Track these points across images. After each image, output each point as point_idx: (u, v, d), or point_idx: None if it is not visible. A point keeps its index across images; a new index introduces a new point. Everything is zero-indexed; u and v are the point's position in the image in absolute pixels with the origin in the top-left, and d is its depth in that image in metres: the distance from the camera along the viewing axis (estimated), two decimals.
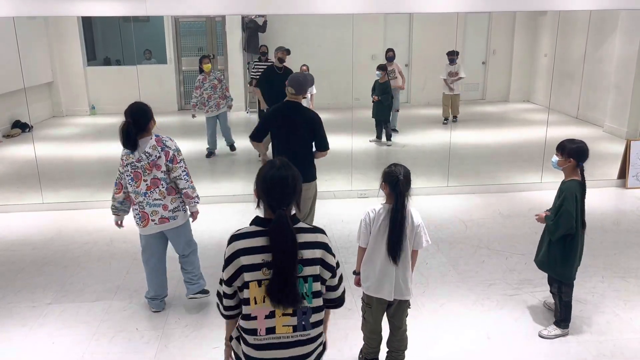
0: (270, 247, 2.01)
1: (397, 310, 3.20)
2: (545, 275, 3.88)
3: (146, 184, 3.67)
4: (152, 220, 3.73)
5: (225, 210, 5.88)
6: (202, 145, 8.35)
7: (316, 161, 4.44)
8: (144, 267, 4.02)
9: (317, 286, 2.08)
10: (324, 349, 2.26)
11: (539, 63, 10.88)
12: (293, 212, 2.13)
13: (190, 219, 3.91)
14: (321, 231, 2.15)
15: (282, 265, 1.98)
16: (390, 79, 8.83)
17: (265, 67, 8.83)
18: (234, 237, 2.08)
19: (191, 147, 8.49)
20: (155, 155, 3.62)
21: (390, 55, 8.90)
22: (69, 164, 8.02)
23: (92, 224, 5.74)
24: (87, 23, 10.87)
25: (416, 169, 5.00)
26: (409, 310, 3.27)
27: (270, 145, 4.48)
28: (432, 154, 8.16)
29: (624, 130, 8.66)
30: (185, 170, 3.73)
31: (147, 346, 3.61)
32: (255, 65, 9.04)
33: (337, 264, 2.18)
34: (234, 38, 10.36)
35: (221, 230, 5.25)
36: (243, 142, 8.46)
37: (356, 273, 3.23)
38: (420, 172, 7.26)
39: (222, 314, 2.18)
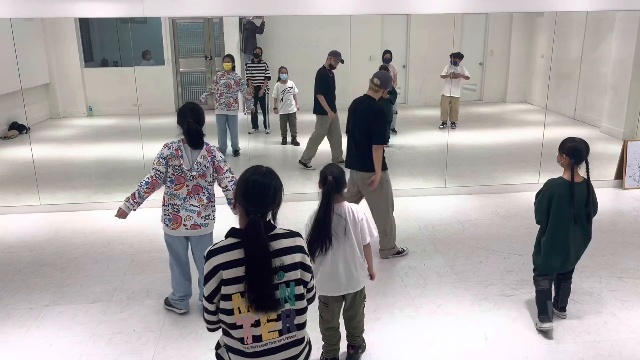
0: (245, 253, 1.98)
1: (352, 302, 3.30)
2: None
3: (187, 189, 3.68)
4: (184, 225, 3.71)
5: (226, 210, 5.86)
6: None
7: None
8: (171, 267, 3.96)
9: (299, 289, 2.07)
10: (310, 348, 2.26)
11: (536, 64, 10.90)
12: (269, 218, 2.10)
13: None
14: (298, 235, 2.14)
15: (255, 272, 1.95)
16: None
17: (257, 67, 8.86)
18: (212, 253, 2.03)
19: None
20: (205, 166, 3.66)
21: (387, 57, 8.89)
22: (66, 165, 8.00)
23: (90, 225, 5.73)
24: (85, 24, 10.85)
25: (414, 170, 5.05)
26: (365, 302, 3.39)
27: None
28: (430, 154, 8.17)
29: (621, 131, 8.68)
30: (232, 180, 3.73)
31: (144, 348, 3.61)
32: (248, 67, 9.04)
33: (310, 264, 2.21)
34: (232, 39, 10.35)
35: (223, 232, 5.24)
36: (242, 143, 8.48)
37: None
38: (418, 173, 7.27)
39: (207, 328, 2.17)
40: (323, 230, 2.98)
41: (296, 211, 6.00)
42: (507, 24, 10.83)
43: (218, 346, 2.22)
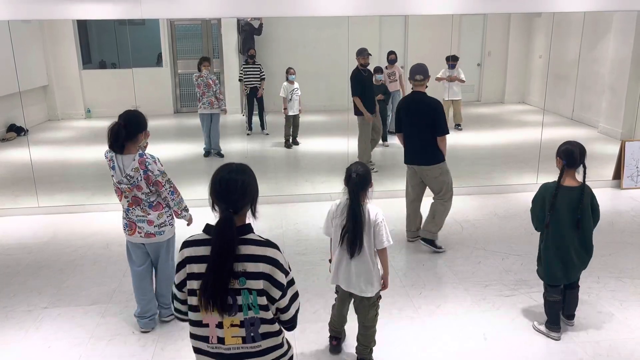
0: (211, 249, 1.95)
1: (359, 305, 3.30)
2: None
3: (127, 201, 3.57)
4: (139, 233, 3.61)
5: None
6: (197, 147, 8.36)
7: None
8: (131, 272, 3.86)
9: (262, 300, 1.99)
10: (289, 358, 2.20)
11: (534, 64, 10.93)
12: (249, 221, 2.08)
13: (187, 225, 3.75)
14: (272, 245, 2.03)
15: (214, 267, 1.92)
16: (391, 81, 8.87)
17: (252, 69, 8.85)
18: (184, 244, 2.05)
19: (187, 149, 8.50)
20: (137, 179, 3.45)
21: (392, 58, 8.91)
22: (64, 167, 8.00)
23: (88, 227, 5.73)
24: (83, 26, 10.86)
25: None
26: (378, 310, 3.39)
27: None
28: None
29: (619, 131, 8.70)
30: (171, 190, 3.59)
31: (143, 349, 3.60)
32: (244, 68, 9.03)
33: (290, 282, 2.07)
34: (230, 41, 10.35)
35: (190, 228, 5.24)
36: (237, 145, 8.49)
37: (330, 261, 3.37)
38: None
39: (175, 315, 2.17)
40: (357, 228, 3.04)
41: (296, 212, 6.02)
42: (504, 24, 10.85)
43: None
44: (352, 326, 3.54)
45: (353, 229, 3.05)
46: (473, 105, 10.85)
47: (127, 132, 3.41)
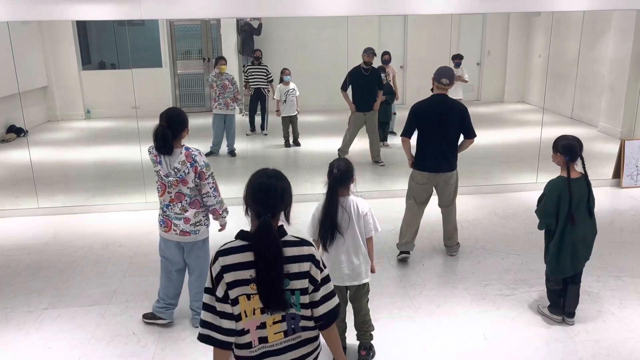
0: (255, 254, 1.98)
1: (355, 294, 3.38)
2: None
3: (170, 197, 3.57)
4: (174, 231, 3.61)
5: (238, 212, 5.86)
6: (200, 147, 8.35)
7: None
8: (161, 274, 3.85)
9: (305, 299, 2.06)
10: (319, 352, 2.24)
11: (533, 64, 10.93)
12: (281, 223, 2.11)
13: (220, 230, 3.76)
14: (308, 243, 2.10)
15: (266, 271, 1.97)
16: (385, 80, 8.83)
17: (258, 70, 8.88)
18: (220, 253, 2.04)
19: None
20: (184, 172, 3.47)
21: (386, 58, 8.88)
22: (64, 168, 8.00)
23: (88, 228, 5.73)
24: (82, 27, 10.85)
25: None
26: (369, 296, 3.47)
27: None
28: None
29: (618, 130, 8.69)
30: (213, 186, 3.60)
31: (143, 350, 3.61)
32: (249, 69, 9.05)
33: (324, 279, 2.10)
34: (229, 41, 10.35)
35: (219, 234, 5.24)
36: (241, 145, 8.49)
37: None
38: None
39: (217, 342, 2.06)
40: (330, 221, 3.12)
41: (296, 213, 6.01)
42: (504, 24, 10.85)
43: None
44: (349, 326, 3.55)
45: (325, 221, 3.12)
46: (472, 105, 10.82)
47: (172, 132, 3.44)
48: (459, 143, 4.67)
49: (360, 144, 8.63)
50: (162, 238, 3.73)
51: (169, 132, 3.41)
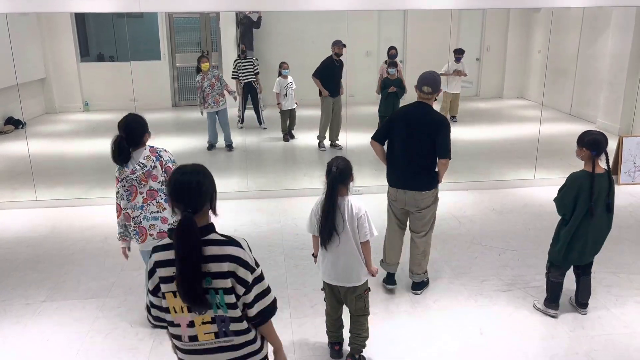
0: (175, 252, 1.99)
1: (345, 297, 3.33)
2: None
3: (142, 197, 3.48)
4: (150, 235, 3.50)
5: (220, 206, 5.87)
6: (197, 141, 8.37)
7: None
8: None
9: (230, 298, 2.04)
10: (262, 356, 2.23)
11: (533, 59, 10.91)
12: (211, 221, 2.11)
13: None
14: (234, 243, 2.06)
15: (182, 267, 1.96)
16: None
17: (245, 63, 8.87)
18: (154, 249, 2.10)
19: (186, 143, 8.49)
20: (150, 165, 3.45)
21: (392, 53, 8.88)
22: (62, 160, 7.99)
23: (86, 221, 5.73)
24: (80, 19, 10.81)
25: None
26: (368, 301, 3.39)
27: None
28: None
29: (617, 127, 8.71)
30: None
31: (141, 343, 3.62)
32: (238, 63, 9.01)
33: (256, 279, 2.09)
34: (229, 34, 10.33)
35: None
36: (238, 139, 8.47)
37: (314, 255, 3.41)
38: None
39: (151, 324, 2.20)
40: (329, 220, 3.09)
41: (294, 206, 6.02)
42: (504, 19, 10.83)
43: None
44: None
45: (325, 220, 3.09)
46: (472, 100, 10.85)
47: (131, 140, 3.43)
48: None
49: (359, 139, 8.64)
50: (141, 251, 3.65)
51: (125, 144, 3.41)
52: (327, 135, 8.36)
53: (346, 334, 3.50)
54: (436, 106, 4.10)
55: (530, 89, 11.06)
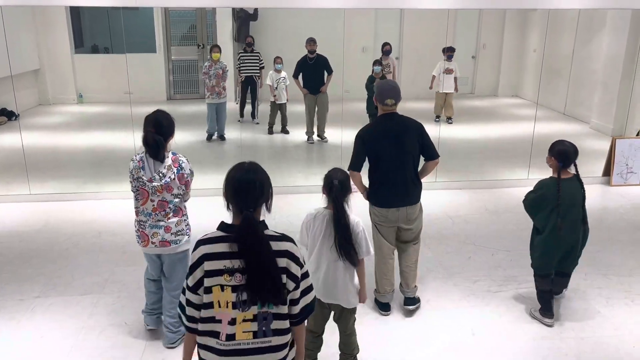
0: (237, 251, 2.01)
1: (341, 316, 3.18)
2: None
3: (153, 205, 3.37)
4: (152, 243, 3.42)
5: (215, 202, 5.86)
6: (191, 135, 8.38)
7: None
8: (144, 280, 3.76)
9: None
10: None
11: (528, 58, 10.94)
12: (263, 217, 2.14)
13: None
14: (288, 239, 2.12)
15: (256, 264, 1.99)
16: (385, 73, 8.85)
17: (250, 57, 8.89)
18: (200, 242, 2.08)
19: (182, 137, 8.45)
20: (170, 177, 3.33)
21: (387, 49, 8.92)
22: (56, 153, 7.95)
23: (81, 215, 5.72)
24: (75, 10, 10.70)
25: None
26: (355, 316, 3.26)
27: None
28: None
29: (610, 127, 8.76)
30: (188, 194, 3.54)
31: (135, 341, 3.63)
32: (241, 57, 9.01)
33: (304, 275, 2.13)
34: (225, 27, 10.27)
35: (211, 225, 5.25)
36: (232, 133, 8.47)
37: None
38: None
39: (184, 325, 2.13)
40: (345, 236, 2.94)
41: (288, 204, 6.02)
42: (500, 18, 10.85)
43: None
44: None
45: (345, 239, 2.93)
46: (467, 98, 10.88)
47: (163, 137, 3.33)
48: (419, 168, 3.92)
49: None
50: (143, 252, 3.58)
51: (160, 137, 3.29)
52: (315, 130, 8.49)
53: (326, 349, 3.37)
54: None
55: (525, 88, 11.10)
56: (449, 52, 9.26)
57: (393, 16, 10.24)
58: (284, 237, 2.11)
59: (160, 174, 3.33)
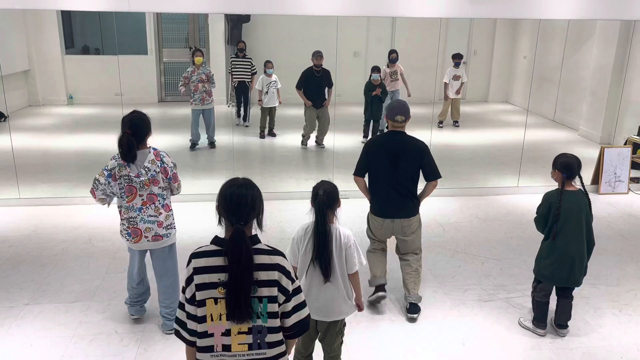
0: (227, 265, 2.06)
1: (325, 333, 3.10)
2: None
3: (142, 199, 3.52)
4: (145, 237, 3.56)
5: (205, 208, 5.86)
6: (182, 138, 8.32)
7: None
8: (129, 273, 3.84)
9: (273, 307, 2.11)
10: None
11: (518, 65, 11.05)
12: (255, 232, 2.19)
13: None
14: (279, 254, 2.17)
15: (237, 279, 2.04)
16: (392, 80, 8.92)
17: (242, 63, 8.89)
18: (193, 255, 2.14)
19: (172, 140, 8.44)
20: (155, 171, 3.50)
21: (393, 57, 8.98)
22: (46, 156, 7.89)
23: (71, 220, 5.68)
24: (66, 10, 10.64)
25: None
26: (345, 331, 3.20)
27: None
28: None
29: (598, 135, 8.87)
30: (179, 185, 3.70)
31: (126, 349, 3.62)
32: (233, 62, 9.00)
33: (296, 290, 2.17)
34: (217, 30, 10.28)
35: (201, 230, 5.25)
36: (224, 137, 8.45)
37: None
38: None
39: (184, 340, 2.17)
40: (325, 247, 2.91)
41: (280, 210, 6.01)
42: (491, 25, 10.94)
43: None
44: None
45: (323, 251, 2.90)
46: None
47: (137, 138, 3.46)
48: (418, 188, 4.10)
49: (347, 141, 8.67)
50: (130, 249, 3.71)
51: (134, 140, 3.42)
52: (312, 136, 8.50)
53: None
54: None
55: (515, 94, 11.20)
56: (456, 59, 9.38)
57: (385, 22, 10.29)
58: (275, 252, 2.16)
59: (146, 169, 3.48)
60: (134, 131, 3.44)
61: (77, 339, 3.71)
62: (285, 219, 5.81)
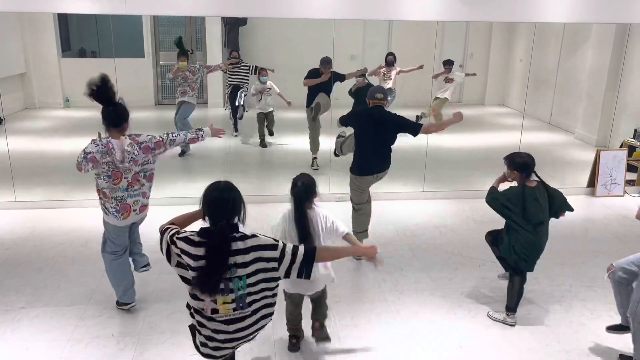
0: (206, 250, 2.40)
1: (317, 299, 3.53)
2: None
3: (127, 181, 3.73)
4: (134, 211, 3.80)
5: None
6: None
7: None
8: (109, 263, 3.94)
9: (252, 279, 2.48)
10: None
11: (515, 68, 11.09)
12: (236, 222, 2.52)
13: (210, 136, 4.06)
14: (252, 236, 2.50)
15: (214, 264, 2.39)
16: (385, 78, 8.95)
17: (238, 71, 8.85)
18: (180, 238, 2.47)
19: None
20: (135, 153, 3.68)
21: (390, 59, 8.97)
22: (42, 159, 7.87)
23: (67, 223, 5.67)
24: (62, 13, 10.63)
25: (393, 173, 5.11)
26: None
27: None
28: (409, 157, 8.23)
29: (594, 138, 8.90)
30: (169, 137, 3.84)
31: (122, 353, 3.61)
32: (228, 70, 8.98)
33: (283, 249, 2.51)
34: (214, 33, 10.27)
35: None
36: (218, 142, 8.42)
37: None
38: (397, 176, 7.33)
39: (166, 227, 2.65)
40: (303, 232, 3.16)
41: (278, 212, 5.99)
42: (487, 28, 10.98)
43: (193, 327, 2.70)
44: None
45: (303, 237, 3.15)
46: (454, 106, 10.95)
47: (121, 124, 3.71)
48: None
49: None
50: (117, 228, 3.83)
51: (118, 109, 3.69)
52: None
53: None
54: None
55: (512, 97, 11.23)
56: (447, 65, 9.38)
57: (382, 26, 10.31)
58: (250, 236, 2.49)
59: (127, 152, 3.65)
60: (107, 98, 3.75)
61: (73, 342, 3.70)
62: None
